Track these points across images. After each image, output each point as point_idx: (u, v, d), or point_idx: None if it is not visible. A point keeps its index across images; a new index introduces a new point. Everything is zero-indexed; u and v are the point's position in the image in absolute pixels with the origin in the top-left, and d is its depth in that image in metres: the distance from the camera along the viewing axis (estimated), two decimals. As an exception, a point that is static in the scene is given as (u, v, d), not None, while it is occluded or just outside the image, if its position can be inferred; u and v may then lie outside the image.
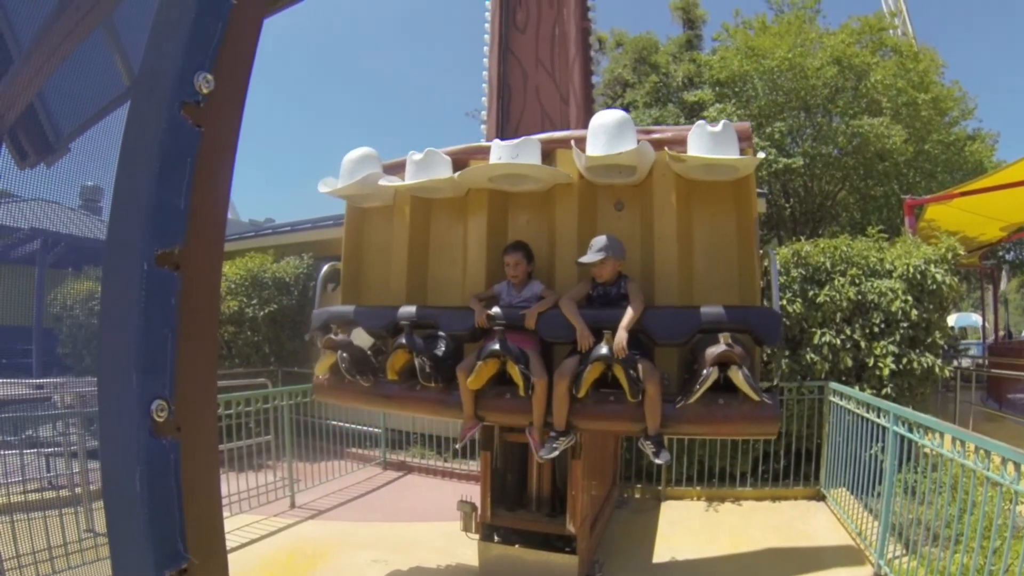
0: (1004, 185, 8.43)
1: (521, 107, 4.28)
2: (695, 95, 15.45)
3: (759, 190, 8.19)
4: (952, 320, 18.64)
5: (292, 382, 8.96)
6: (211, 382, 1.08)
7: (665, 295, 3.53)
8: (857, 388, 6.20)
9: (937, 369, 6.44)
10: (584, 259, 3.43)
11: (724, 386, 3.14)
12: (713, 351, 3.03)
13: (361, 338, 4.06)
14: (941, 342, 6.66)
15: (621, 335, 3.18)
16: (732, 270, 3.55)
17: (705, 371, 3.04)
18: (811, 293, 6.68)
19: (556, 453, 3.36)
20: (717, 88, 14.14)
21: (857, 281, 6.65)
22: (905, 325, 6.45)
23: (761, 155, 3.60)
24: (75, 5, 1.54)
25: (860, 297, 6.58)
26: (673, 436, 3.76)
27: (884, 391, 6.28)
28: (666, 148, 3.50)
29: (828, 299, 6.57)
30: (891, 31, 14.57)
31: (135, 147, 0.95)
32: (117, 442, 0.90)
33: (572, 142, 3.61)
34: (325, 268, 4.49)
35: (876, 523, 4.92)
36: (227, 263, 9.76)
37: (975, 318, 20.04)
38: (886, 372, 6.29)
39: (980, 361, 13.94)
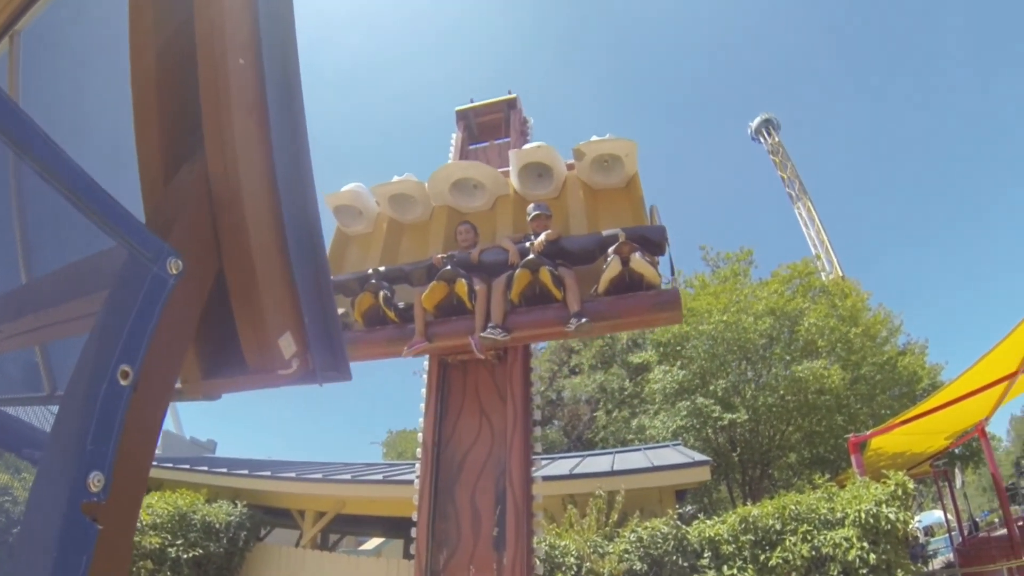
0: (938, 407, 8.72)
1: (460, 404, 4.35)
2: (639, 356, 16.47)
3: (703, 458, 8.56)
4: (917, 520, 18.17)
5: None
6: None
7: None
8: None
9: (905, 609, 6.07)
10: (531, 211, 4.49)
11: (630, 289, 3.91)
12: (613, 247, 3.90)
13: None
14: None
15: (540, 239, 4.19)
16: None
17: (608, 258, 3.90)
18: (762, 557, 6.42)
19: (493, 337, 3.95)
20: (660, 349, 15.12)
21: (809, 536, 6.41)
22: (864, 572, 6.18)
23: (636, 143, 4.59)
24: (6, 330, 1.65)
25: (814, 553, 6.29)
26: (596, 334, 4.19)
27: (852, 644, 5.88)
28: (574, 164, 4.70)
29: (781, 560, 6.28)
30: (820, 273, 16.00)
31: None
32: None
33: (510, 153, 4.87)
34: None
35: None
36: (156, 494, 9.28)
37: (939, 515, 19.60)
38: (851, 625, 5.93)
39: (949, 559, 13.21)
